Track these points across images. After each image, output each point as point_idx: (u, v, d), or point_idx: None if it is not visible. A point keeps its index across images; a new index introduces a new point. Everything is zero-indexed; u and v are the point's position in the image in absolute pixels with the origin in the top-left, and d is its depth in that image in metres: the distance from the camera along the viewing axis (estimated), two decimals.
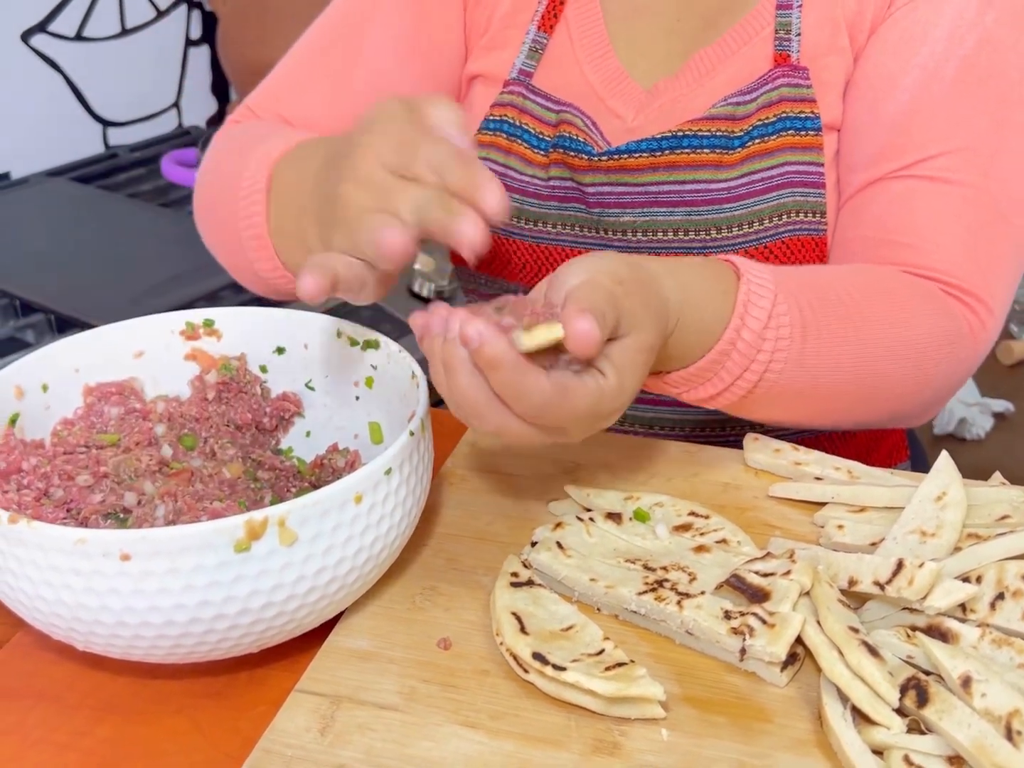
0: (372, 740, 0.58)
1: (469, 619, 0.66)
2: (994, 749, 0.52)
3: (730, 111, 0.85)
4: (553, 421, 0.58)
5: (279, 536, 0.55)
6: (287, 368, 0.77)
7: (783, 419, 0.79)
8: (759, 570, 0.64)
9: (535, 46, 0.92)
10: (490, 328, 0.55)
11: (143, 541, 0.54)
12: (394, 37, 0.94)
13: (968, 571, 0.63)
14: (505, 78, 0.93)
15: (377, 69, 0.94)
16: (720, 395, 0.72)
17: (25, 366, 0.71)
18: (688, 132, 0.85)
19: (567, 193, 0.89)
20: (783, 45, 0.86)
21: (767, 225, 0.85)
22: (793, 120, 0.85)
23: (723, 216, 0.85)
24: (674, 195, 0.86)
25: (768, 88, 0.85)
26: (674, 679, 0.61)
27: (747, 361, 0.70)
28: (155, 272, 1.46)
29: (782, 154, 0.85)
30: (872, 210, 0.83)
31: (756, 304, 0.69)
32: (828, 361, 0.73)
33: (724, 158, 0.85)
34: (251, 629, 0.58)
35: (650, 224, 0.87)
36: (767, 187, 0.85)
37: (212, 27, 2.09)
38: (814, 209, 0.85)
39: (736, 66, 0.87)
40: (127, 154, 1.91)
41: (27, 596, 0.57)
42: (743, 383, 0.71)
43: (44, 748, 0.59)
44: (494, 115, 0.92)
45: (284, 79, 0.98)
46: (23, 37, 1.81)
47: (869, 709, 0.55)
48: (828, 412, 0.79)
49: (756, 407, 0.75)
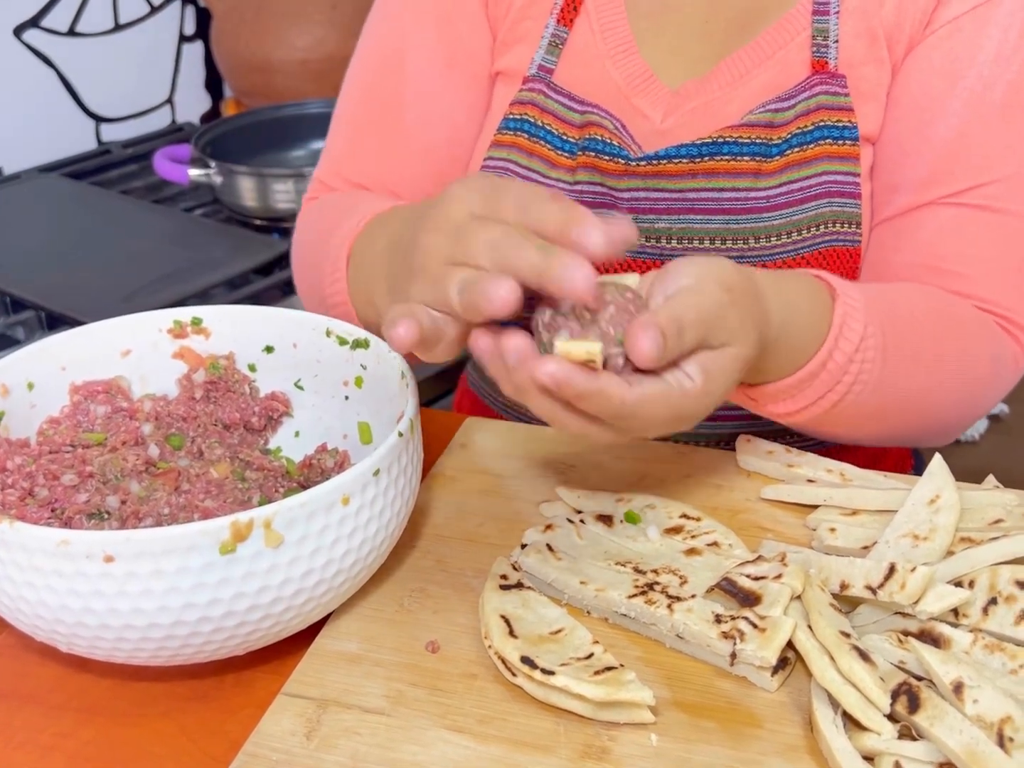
0: (358, 744, 0.57)
1: (458, 622, 0.65)
2: (986, 756, 0.51)
3: (768, 118, 0.84)
4: (633, 425, 0.58)
5: (265, 538, 0.55)
6: (276, 367, 0.77)
7: (842, 437, 0.81)
8: (750, 574, 0.64)
9: (555, 40, 0.90)
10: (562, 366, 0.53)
11: (127, 542, 0.53)
12: (428, 58, 0.93)
13: (961, 575, 0.63)
14: (524, 74, 0.90)
15: (421, 92, 0.94)
16: (799, 412, 0.72)
17: (11, 364, 0.70)
18: (728, 138, 0.84)
19: (596, 198, 0.87)
20: (821, 52, 0.84)
21: (804, 236, 0.84)
22: (831, 129, 0.84)
23: (762, 225, 0.84)
24: (712, 203, 0.85)
25: (806, 95, 0.84)
26: (664, 683, 0.61)
27: (833, 382, 0.71)
28: (147, 269, 1.44)
29: (820, 163, 0.84)
30: (921, 236, 0.84)
31: (850, 327, 0.70)
32: (901, 385, 0.75)
33: (763, 166, 0.84)
34: (236, 631, 0.57)
35: (685, 232, 0.86)
36: (805, 197, 0.84)
37: (206, 23, 2.08)
38: (850, 220, 0.85)
39: (771, 71, 0.86)
40: (120, 150, 1.89)
41: (9, 597, 0.57)
42: (824, 402, 0.72)
43: (29, 750, 0.59)
44: (514, 113, 0.90)
45: (339, 145, 0.98)
46: (15, 32, 1.80)
47: (860, 715, 0.55)
48: (885, 431, 0.81)
49: (826, 426, 0.76)
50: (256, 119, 1.79)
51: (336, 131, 0.98)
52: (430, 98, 0.94)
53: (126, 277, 1.42)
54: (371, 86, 0.96)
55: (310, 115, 1.81)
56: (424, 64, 0.93)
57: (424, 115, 0.94)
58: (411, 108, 0.94)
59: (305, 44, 1.95)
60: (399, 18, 0.95)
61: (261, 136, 1.77)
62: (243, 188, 1.60)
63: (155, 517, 0.65)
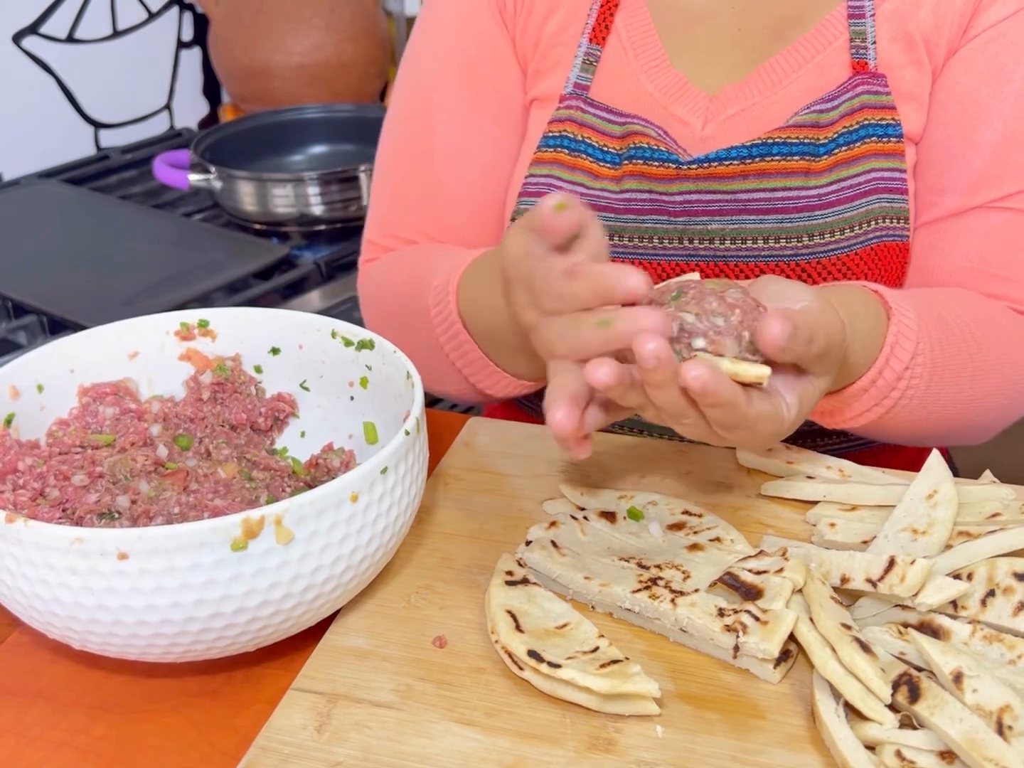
0: (368, 737, 0.58)
1: (464, 617, 0.66)
2: (985, 743, 0.52)
3: (814, 119, 0.85)
4: (741, 437, 0.62)
5: (276, 535, 0.56)
6: (282, 368, 0.77)
7: (884, 439, 0.83)
8: (752, 568, 0.65)
9: (588, 59, 0.91)
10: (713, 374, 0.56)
11: (140, 540, 0.54)
12: (455, 104, 0.95)
13: (959, 568, 0.64)
14: (560, 93, 0.92)
15: (449, 139, 0.95)
16: (845, 422, 0.76)
17: (20, 366, 0.71)
18: (778, 139, 0.85)
19: (644, 205, 0.88)
20: (860, 53, 0.86)
21: (857, 232, 0.85)
22: (875, 127, 0.86)
23: (815, 223, 0.85)
24: (764, 203, 0.86)
25: (849, 96, 0.85)
26: (668, 676, 0.62)
27: (881, 396, 0.74)
28: (147, 274, 1.45)
29: (867, 161, 0.86)
30: (971, 240, 0.85)
31: (902, 346, 0.73)
32: (947, 398, 0.78)
33: (813, 165, 0.85)
34: (248, 627, 0.58)
35: (739, 232, 0.87)
36: (855, 193, 0.85)
37: (204, 29, 2.09)
38: (899, 215, 0.86)
39: (812, 74, 0.87)
40: (119, 156, 1.90)
41: (24, 595, 0.58)
42: (870, 415, 0.75)
43: (41, 746, 0.59)
44: (552, 131, 0.91)
45: (382, 203, 0.99)
46: (14, 39, 1.81)
47: (862, 705, 0.56)
48: (926, 436, 0.83)
49: (868, 432, 0.79)
50: (255, 124, 1.80)
51: (377, 189, 1.00)
52: (458, 143, 0.95)
53: (127, 281, 1.43)
54: (403, 139, 0.98)
55: (308, 120, 1.82)
56: (451, 111, 0.95)
57: (452, 161, 0.95)
58: (440, 156, 0.95)
59: (302, 49, 1.96)
60: (426, 69, 0.96)
61: (260, 141, 1.78)
62: (243, 193, 1.61)
63: (166, 516, 0.65)
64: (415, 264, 0.91)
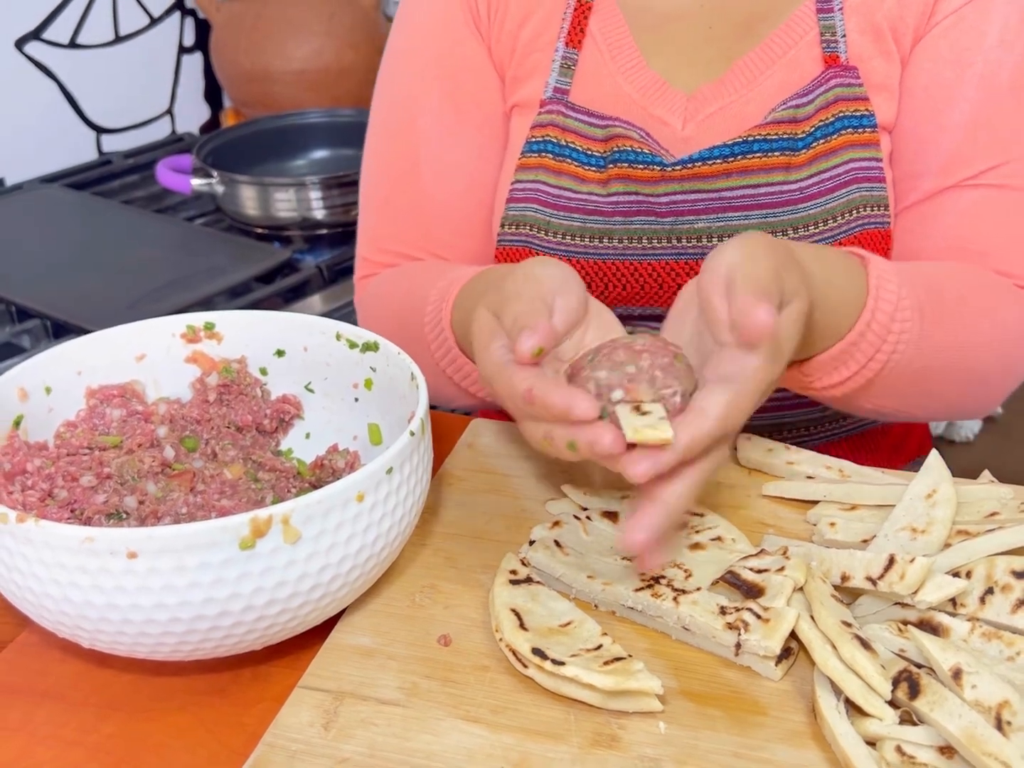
0: (375, 734, 0.58)
1: (468, 616, 0.67)
2: (984, 739, 0.53)
3: (791, 114, 0.87)
4: (729, 433, 0.61)
5: (283, 534, 0.56)
6: (287, 370, 0.78)
7: (888, 410, 0.83)
8: (754, 567, 0.65)
9: (566, 63, 0.92)
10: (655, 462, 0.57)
11: (149, 539, 0.55)
12: (437, 117, 0.95)
13: (958, 566, 0.64)
14: (540, 99, 0.92)
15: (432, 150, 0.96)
16: (850, 379, 0.76)
17: (28, 369, 0.71)
18: (758, 136, 0.87)
19: (631, 207, 0.89)
20: (831, 47, 0.88)
21: (840, 222, 0.87)
22: (850, 119, 0.87)
23: (799, 216, 0.87)
24: (748, 199, 0.88)
25: (823, 90, 0.87)
26: (671, 674, 0.62)
27: (879, 342, 0.75)
28: (150, 278, 1.46)
29: (845, 152, 0.87)
30: (948, 220, 0.87)
31: (886, 288, 0.74)
32: (939, 343, 0.78)
33: (793, 160, 0.87)
34: (255, 626, 0.59)
35: (725, 229, 0.88)
36: (836, 184, 0.87)
37: (205, 34, 2.10)
38: (879, 203, 0.88)
39: (785, 70, 0.89)
40: (121, 160, 1.91)
41: (34, 594, 0.58)
42: (874, 364, 0.75)
43: (51, 745, 0.60)
44: (535, 136, 0.92)
45: (371, 219, 1.00)
46: (17, 45, 1.82)
47: (862, 701, 0.56)
48: (930, 397, 0.83)
49: (873, 394, 0.79)
50: (256, 129, 1.81)
51: (365, 205, 1.00)
52: (442, 154, 0.96)
53: (130, 285, 1.44)
54: (387, 154, 0.98)
55: (310, 124, 1.83)
56: (433, 123, 0.96)
57: (438, 172, 0.96)
58: (425, 169, 0.96)
59: (303, 54, 1.97)
60: (404, 84, 0.97)
61: (261, 146, 1.79)
62: (245, 197, 1.62)
63: (173, 516, 0.66)
64: (412, 281, 0.92)
